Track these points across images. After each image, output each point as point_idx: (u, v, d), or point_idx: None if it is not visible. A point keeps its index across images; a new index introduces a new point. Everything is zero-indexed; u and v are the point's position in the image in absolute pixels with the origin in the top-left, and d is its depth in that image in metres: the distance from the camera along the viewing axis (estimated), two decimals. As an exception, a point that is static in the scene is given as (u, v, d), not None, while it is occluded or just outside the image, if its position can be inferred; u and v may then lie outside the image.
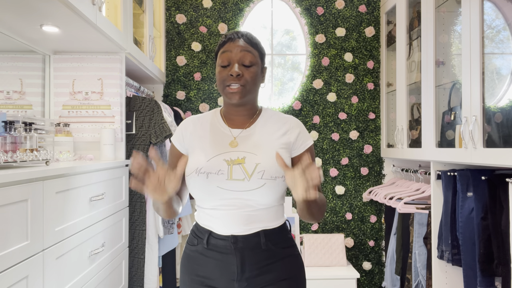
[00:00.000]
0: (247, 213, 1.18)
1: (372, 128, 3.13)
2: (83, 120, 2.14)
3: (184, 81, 3.11)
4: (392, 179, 3.04)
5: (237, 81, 1.18)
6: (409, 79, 2.65)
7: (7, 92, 1.95)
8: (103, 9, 1.96)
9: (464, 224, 1.95)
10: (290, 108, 3.12)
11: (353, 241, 3.11)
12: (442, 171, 2.16)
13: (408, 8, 2.65)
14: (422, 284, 2.30)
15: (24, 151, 1.45)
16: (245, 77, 1.19)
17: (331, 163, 3.12)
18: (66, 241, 1.49)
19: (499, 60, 1.97)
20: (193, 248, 1.26)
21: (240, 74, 1.18)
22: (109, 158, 2.02)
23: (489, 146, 1.75)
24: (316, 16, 3.12)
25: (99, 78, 2.14)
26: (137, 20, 2.62)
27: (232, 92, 1.18)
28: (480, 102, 1.74)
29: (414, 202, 2.45)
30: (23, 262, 1.21)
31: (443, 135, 2.25)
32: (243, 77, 1.19)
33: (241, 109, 1.26)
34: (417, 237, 2.35)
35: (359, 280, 3.10)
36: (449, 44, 2.34)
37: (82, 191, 1.63)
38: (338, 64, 3.12)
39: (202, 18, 3.11)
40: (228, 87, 1.19)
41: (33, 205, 1.26)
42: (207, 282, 1.22)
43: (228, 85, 1.19)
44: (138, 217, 2.21)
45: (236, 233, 1.19)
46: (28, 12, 1.56)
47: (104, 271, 1.83)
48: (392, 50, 3.02)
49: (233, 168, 1.17)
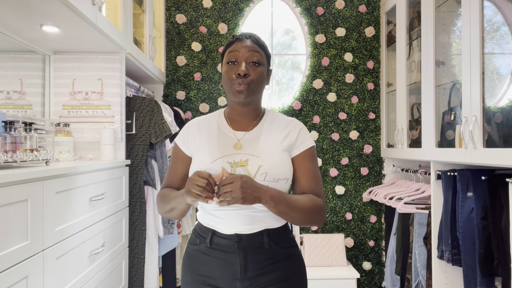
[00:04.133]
0: (250, 214, 1.19)
1: (372, 128, 3.13)
2: (83, 120, 2.14)
3: (184, 81, 3.11)
4: (392, 179, 3.04)
5: (243, 80, 1.19)
6: (409, 79, 2.64)
7: (7, 92, 1.95)
8: (103, 9, 1.96)
9: (464, 224, 1.95)
10: (290, 108, 3.12)
11: (353, 241, 3.11)
12: (442, 171, 2.16)
13: (408, 8, 2.65)
14: (422, 284, 2.30)
15: (24, 151, 1.45)
16: (252, 76, 1.21)
17: (331, 163, 3.12)
18: (66, 241, 1.49)
19: (499, 60, 1.96)
20: (195, 247, 1.26)
21: (247, 73, 1.19)
22: (109, 158, 2.02)
23: (489, 146, 1.75)
24: (316, 16, 3.12)
25: (99, 78, 2.14)
26: (137, 20, 2.62)
27: (239, 90, 1.20)
28: (480, 102, 1.74)
29: (414, 202, 2.45)
30: (23, 262, 1.21)
31: (443, 135, 2.25)
32: (250, 77, 1.20)
33: (245, 110, 1.27)
34: (417, 237, 2.35)
35: (359, 280, 3.10)
36: (449, 44, 2.34)
37: (82, 191, 1.63)
38: (338, 64, 3.12)
39: (202, 18, 3.11)
40: (235, 86, 1.20)
41: (33, 205, 1.26)
42: (210, 281, 1.22)
43: (234, 83, 1.20)
44: (138, 217, 2.21)
45: (239, 232, 1.20)
46: (28, 12, 1.56)
47: (104, 271, 1.83)
48: (392, 50, 3.02)
49: (236, 170, 1.19)
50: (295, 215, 1.17)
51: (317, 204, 1.21)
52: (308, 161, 1.26)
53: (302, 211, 1.18)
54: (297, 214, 1.17)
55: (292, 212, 1.16)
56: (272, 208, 1.14)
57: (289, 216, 1.17)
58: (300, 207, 1.18)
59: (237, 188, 1.07)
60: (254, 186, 1.10)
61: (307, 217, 1.19)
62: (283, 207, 1.15)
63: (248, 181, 1.09)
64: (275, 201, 1.13)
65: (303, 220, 1.19)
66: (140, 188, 2.21)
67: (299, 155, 1.26)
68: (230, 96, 1.24)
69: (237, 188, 1.07)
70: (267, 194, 1.12)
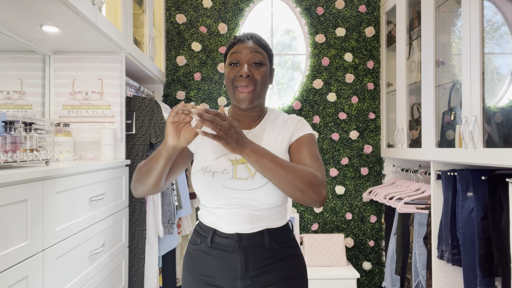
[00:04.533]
0: (251, 212, 1.19)
1: (372, 128, 3.13)
2: (83, 120, 2.14)
3: (184, 81, 3.11)
4: (392, 179, 3.04)
5: (247, 82, 1.19)
6: (409, 79, 2.64)
7: (7, 92, 1.95)
8: (103, 9, 1.96)
9: (464, 224, 1.95)
10: (290, 108, 3.12)
11: (353, 241, 3.11)
12: (442, 171, 2.16)
13: (408, 8, 2.65)
14: (422, 284, 2.30)
15: (24, 151, 1.45)
16: (255, 77, 1.21)
17: (331, 163, 3.12)
18: (66, 241, 1.48)
19: (499, 60, 1.96)
20: (196, 247, 1.26)
21: (250, 74, 1.20)
22: (109, 158, 2.02)
23: (489, 146, 1.75)
24: (316, 16, 3.12)
25: (99, 78, 2.14)
26: (137, 20, 2.62)
27: (243, 96, 1.20)
28: (480, 102, 1.74)
29: (414, 202, 2.45)
30: (23, 262, 1.21)
31: (443, 135, 2.25)
32: (253, 78, 1.20)
33: (249, 111, 1.27)
34: (417, 237, 2.34)
35: (359, 280, 3.10)
36: (449, 44, 2.34)
37: (82, 191, 1.63)
38: (338, 64, 3.12)
39: (202, 18, 3.11)
40: (238, 89, 1.20)
41: (33, 205, 1.26)
42: (210, 281, 1.22)
43: (237, 86, 1.20)
44: (138, 217, 2.21)
45: (240, 231, 1.20)
46: (28, 12, 1.56)
47: (104, 271, 1.83)
48: (392, 50, 3.02)
49: (237, 167, 1.19)
50: (283, 174, 1.08)
51: (312, 173, 1.12)
52: (304, 145, 1.22)
53: (293, 172, 1.09)
54: (286, 174, 1.08)
55: (279, 169, 1.08)
56: (254, 162, 1.08)
57: (276, 174, 1.08)
58: (290, 167, 1.10)
59: (225, 126, 1.04)
60: (240, 134, 1.07)
61: (298, 182, 1.08)
62: (268, 162, 1.08)
63: (237, 127, 1.07)
64: (257, 154, 1.08)
65: (294, 186, 1.09)
66: (140, 188, 2.21)
67: (295, 141, 1.24)
68: (234, 100, 1.24)
69: (225, 127, 1.04)
70: (249, 146, 1.08)
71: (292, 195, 1.11)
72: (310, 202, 1.12)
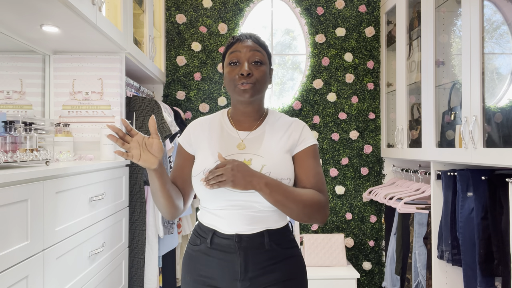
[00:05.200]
0: (251, 214, 1.19)
1: (372, 128, 3.13)
2: (83, 120, 2.14)
3: (184, 81, 3.11)
4: (392, 179, 3.04)
5: (247, 80, 1.20)
6: (409, 79, 2.64)
7: (7, 92, 1.95)
8: (103, 9, 1.96)
9: (464, 224, 1.95)
10: (290, 108, 3.12)
11: (353, 241, 3.11)
12: (442, 171, 2.16)
13: (408, 8, 2.65)
14: (422, 284, 2.30)
15: (24, 151, 1.45)
16: (255, 75, 1.21)
17: (331, 163, 3.12)
18: (66, 241, 1.48)
19: (499, 60, 1.96)
20: (195, 248, 1.26)
21: (250, 73, 1.20)
22: (109, 158, 2.02)
23: (489, 146, 1.75)
24: (316, 16, 3.12)
25: (99, 78, 2.14)
26: (137, 20, 2.62)
27: (244, 89, 1.20)
28: (480, 102, 1.74)
29: (414, 202, 2.45)
30: (23, 262, 1.21)
31: (443, 135, 2.25)
32: (253, 76, 1.21)
33: (249, 110, 1.27)
34: (417, 237, 2.35)
35: (359, 280, 3.10)
36: (449, 44, 2.34)
37: (82, 191, 1.63)
38: (338, 64, 3.12)
39: (202, 18, 3.11)
40: (238, 86, 1.21)
41: (33, 205, 1.26)
42: (210, 282, 1.22)
43: (238, 84, 1.21)
44: (138, 217, 2.21)
45: (240, 232, 1.19)
46: (28, 12, 1.56)
47: (104, 271, 1.83)
48: (392, 50, 3.02)
49: None
50: (292, 206, 1.13)
51: (318, 199, 1.18)
52: (310, 158, 1.24)
53: (301, 203, 1.14)
54: (295, 206, 1.14)
55: (289, 202, 1.13)
56: (268, 196, 1.12)
57: (286, 206, 1.13)
58: (299, 198, 1.14)
59: (227, 170, 1.07)
60: (247, 171, 1.10)
61: (306, 211, 1.15)
62: (279, 196, 1.12)
63: (241, 165, 1.10)
64: (270, 189, 1.11)
65: (302, 214, 1.15)
66: (140, 188, 2.21)
67: (300, 152, 1.25)
68: (235, 96, 1.24)
69: (228, 171, 1.07)
70: (261, 180, 1.11)
71: (299, 221, 1.18)
72: (314, 223, 1.21)
